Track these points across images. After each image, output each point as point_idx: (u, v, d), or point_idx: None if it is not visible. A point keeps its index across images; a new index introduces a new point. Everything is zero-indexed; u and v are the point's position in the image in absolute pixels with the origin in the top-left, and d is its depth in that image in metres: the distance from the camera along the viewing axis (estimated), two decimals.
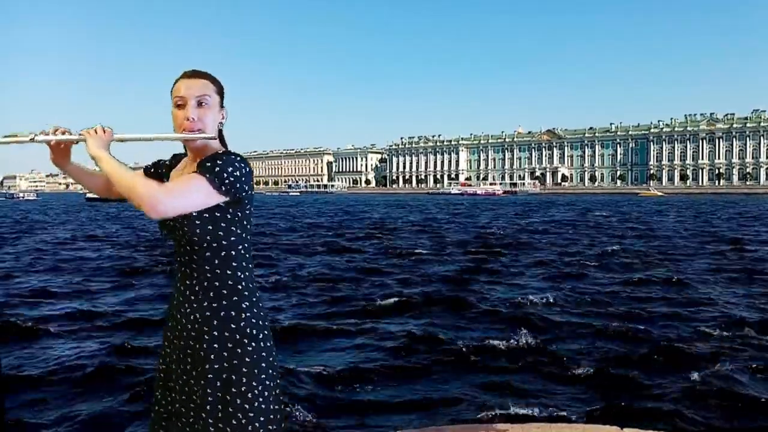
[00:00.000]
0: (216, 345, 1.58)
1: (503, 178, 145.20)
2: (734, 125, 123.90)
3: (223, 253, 1.60)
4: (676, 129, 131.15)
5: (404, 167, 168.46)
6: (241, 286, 1.61)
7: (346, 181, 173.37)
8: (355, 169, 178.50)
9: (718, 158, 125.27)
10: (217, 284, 1.60)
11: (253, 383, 1.58)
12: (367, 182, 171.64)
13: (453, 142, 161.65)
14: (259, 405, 1.58)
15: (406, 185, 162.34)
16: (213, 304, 1.59)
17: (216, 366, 1.57)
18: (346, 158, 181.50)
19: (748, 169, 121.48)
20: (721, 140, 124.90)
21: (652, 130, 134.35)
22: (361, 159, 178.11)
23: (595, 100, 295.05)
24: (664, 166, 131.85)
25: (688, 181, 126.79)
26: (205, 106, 1.63)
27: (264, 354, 1.61)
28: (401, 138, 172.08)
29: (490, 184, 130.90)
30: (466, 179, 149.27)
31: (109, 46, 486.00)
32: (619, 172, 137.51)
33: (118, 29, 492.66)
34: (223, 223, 1.58)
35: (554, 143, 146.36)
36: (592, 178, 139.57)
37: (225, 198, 1.54)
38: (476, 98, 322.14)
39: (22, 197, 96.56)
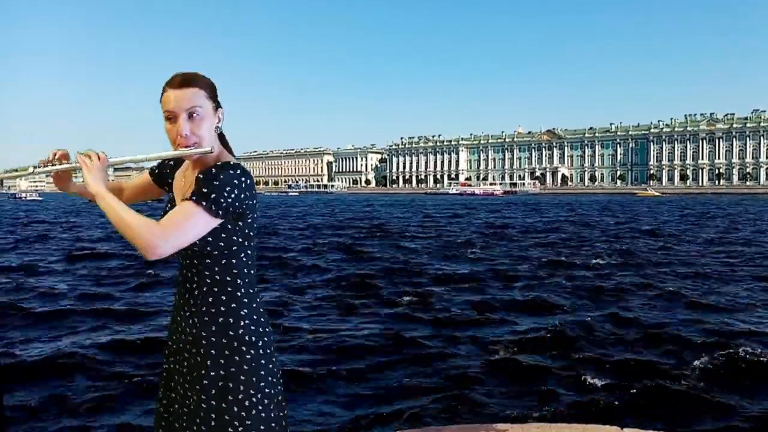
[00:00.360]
0: (213, 351, 1.56)
1: (503, 178, 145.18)
2: (734, 125, 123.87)
3: (224, 261, 1.58)
4: (676, 129, 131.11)
5: (404, 167, 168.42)
6: (240, 293, 1.60)
7: (346, 181, 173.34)
8: (355, 169, 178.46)
9: (718, 158, 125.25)
10: (216, 290, 1.58)
11: (251, 391, 1.56)
12: (367, 182, 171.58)
13: (453, 142, 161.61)
14: (257, 413, 1.56)
15: (406, 185, 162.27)
16: (211, 310, 1.58)
17: (212, 373, 1.55)
18: (346, 158, 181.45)
19: (748, 169, 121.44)
20: (721, 140, 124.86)
21: (652, 130, 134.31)
22: (361, 159, 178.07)
23: (595, 100, 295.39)
24: (664, 166, 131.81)
25: (688, 181, 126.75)
26: (197, 118, 1.54)
27: (263, 361, 1.60)
28: (401, 138, 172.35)
29: (490, 184, 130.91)
30: (466, 179, 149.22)
31: (109, 46, 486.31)
32: (619, 172, 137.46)
33: (118, 29, 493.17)
34: (224, 234, 1.56)
35: (554, 143, 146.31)
36: (592, 178, 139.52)
37: (223, 220, 1.51)
38: (476, 98, 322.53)
39: (25, 197, 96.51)
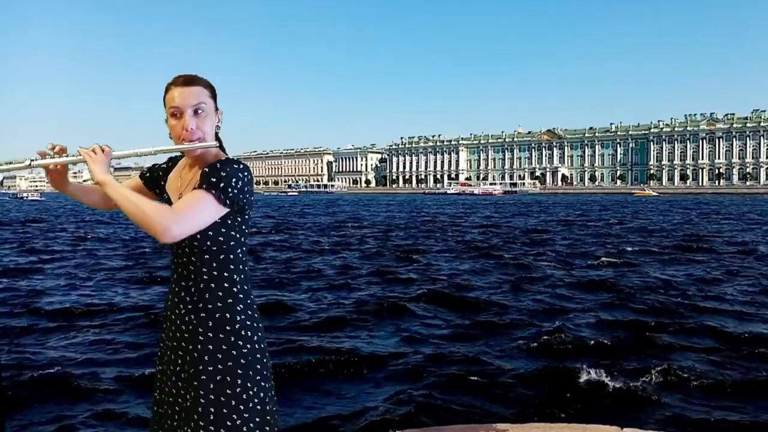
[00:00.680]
0: (210, 346, 1.58)
1: (503, 178, 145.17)
2: (734, 125, 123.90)
3: (222, 257, 1.61)
4: (676, 129, 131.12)
5: (404, 167, 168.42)
6: (236, 289, 1.63)
7: (346, 181, 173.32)
8: (355, 169, 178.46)
9: (718, 158, 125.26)
10: (213, 286, 1.61)
11: (248, 384, 1.59)
12: (367, 182, 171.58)
13: (453, 142, 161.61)
14: (254, 406, 1.59)
15: (406, 185, 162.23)
16: (208, 306, 1.60)
17: (210, 368, 1.58)
18: (346, 158, 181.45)
19: (748, 169, 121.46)
20: (721, 140, 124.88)
21: (652, 130, 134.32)
22: (361, 159, 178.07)
23: (595, 100, 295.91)
24: (664, 166, 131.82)
25: (689, 181, 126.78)
26: (202, 114, 1.61)
27: (258, 356, 1.63)
28: (401, 138, 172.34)
29: (490, 184, 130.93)
30: (466, 179, 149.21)
31: (109, 47, 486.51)
32: (619, 172, 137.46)
33: (118, 29, 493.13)
34: (224, 228, 1.60)
35: (554, 143, 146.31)
36: (592, 178, 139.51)
37: (229, 209, 1.56)
38: (476, 98, 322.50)
39: (27, 197, 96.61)
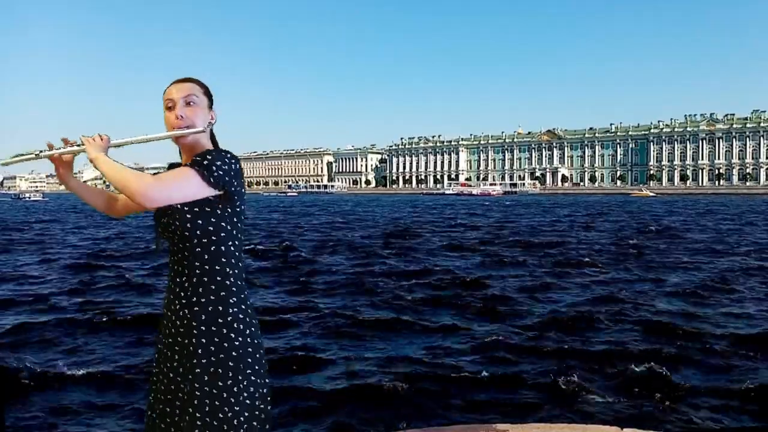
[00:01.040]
0: (204, 339, 1.62)
1: (503, 178, 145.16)
2: (734, 125, 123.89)
3: (213, 248, 1.65)
4: (676, 129, 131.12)
5: (404, 167, 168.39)
6: (229, 282, 1.66)
7: (346, 182, 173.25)
8: (355, 170, 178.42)
9: (718, 158, 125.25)
10: (206, 279, 1.64)
11: (239, 377, 1.61)
12: (367, 182, 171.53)
13: (453, 143, 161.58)
14: (243, 399, 1.61)
15: (406, 185, 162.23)
16: (201, 299, 1.63)
17: (204, 360, 1.61)
18: (346, 158, 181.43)
19: (748, 170, 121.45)
20: (721, 140, 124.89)
21: (652, 130, 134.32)
22: (361, 159, 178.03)
23: (595, 100, 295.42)
24: (664, 167, 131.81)
25: (688, 182, 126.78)
26: (193, 105, 1.72)
27: (250, 350, 1.65)
28: (401, 138, 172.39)
29: (490, 185, 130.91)
30: (466, 179, 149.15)
31: (109, 47, 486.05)
32: (619, 173, 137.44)
33: (118, 29, 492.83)
34: (213, 218, 1.64)
35: (554, 143, 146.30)
36: (592, 179, 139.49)
37: (214, 191, 1.61)
38: (476, 98, 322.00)
39: (29, 197, 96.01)
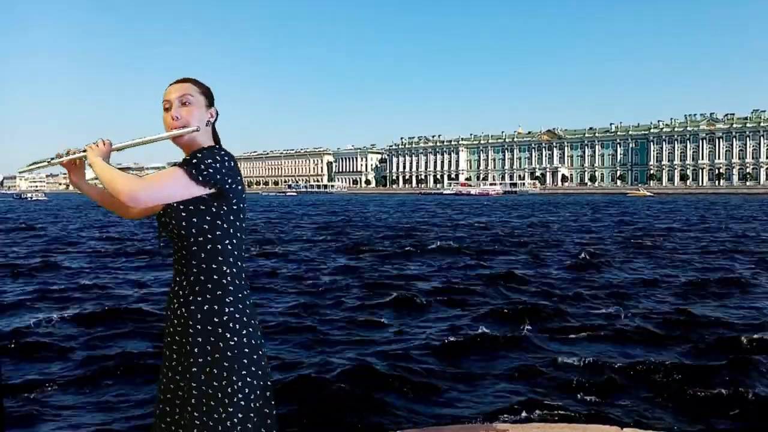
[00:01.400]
0: (200, 338, 1.62)
1: (503, 178, 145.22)
2: (734, 125, 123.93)
3: (209, 247, 1.64)
4: (676, 129, 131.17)
5: (404, 167, 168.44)
6: (226, 281, 1.65)
7: (346, 182, 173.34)
8: (355, 170, 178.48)
9: (718, 158, 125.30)
10: (202, 278, 1.64)
11: (233, 378, 1.60)
12: (367, 182, 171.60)
13: (453, 142, 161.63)
14: (238, 401, 1.60)
15: (406, 185, 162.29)
16: (198, 298, 1.63)
17: (200, 360, 1.61)
18: (346, 158, 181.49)
19: (748, 169, 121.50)
20: (721, 140, 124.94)
21: (652, 130, 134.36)
22: (361, 159, 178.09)
23: (595, 100, 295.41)
24: (664, 166, 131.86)
25: (689, 181, 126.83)
26: (188, 105, 1.73)
27: (247, 350, 1.64)
28: (401, 138, 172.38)
29: (490, 185, 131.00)
30: (466, 179, 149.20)
31: (109, 47, 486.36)
32: (619, 172, 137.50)
33: (118, 29, 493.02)
34: (208, 216, 1.64)
35: (554, 143, 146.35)
36: (592, 178, 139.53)
37: (204, 189, 1.60)
38: (476, 98, 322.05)
39: (31, 197, 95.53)
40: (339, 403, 4.64)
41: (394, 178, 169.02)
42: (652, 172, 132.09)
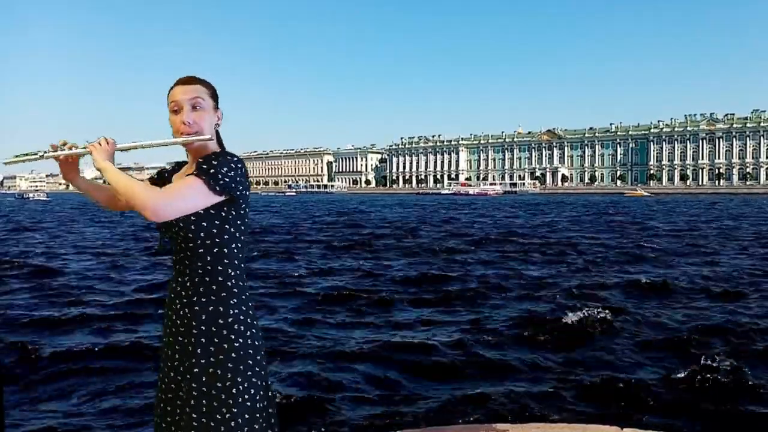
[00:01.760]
0: (203, 339, 1.62)
1: (503, 178, 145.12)
2: (734, 125, 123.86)
3: (216, 250, 1.64)
4: (676, 129, 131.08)
5: (404, 167, 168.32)
6: (230, 283, 1.66)
7: (346, 181, 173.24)
8: (355, 169, 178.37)
9: (718, 158, 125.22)
10: (207, 280, 1.64)
11: (238, 379, 1.61)
12: (367, 182, 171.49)
13: (453, 142, 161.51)
14: (243, 402, 1.60)
15: (406, 185, 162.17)
16: (202, 299, 1.63)
17: (202, 360, 1.61)
18: (346, 158, 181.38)
19: (748, 169, 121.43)
20: (721, 140, 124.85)
21: (652, 130, 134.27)
22: (361, 159, 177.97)
23: (595, 100, 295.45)
24: (664, 166, 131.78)
25: (689, 181, 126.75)
26: (200, 109, 1.69)
27: (251, 351, 1.65)
28: (401, 138, 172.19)
29: (490, 184, 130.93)
30: (466, 179, 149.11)
31: (109, 47, 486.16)
32: (619, 172, 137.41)
33: (118, 29, 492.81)
34: (217, 220, 1.63)
35: (554, 143, 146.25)
36: (592, 178, 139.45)
37: (221, 198, 1.60)
38: (476, 98, 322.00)
39: (33, 197, 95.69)
40: None
41: (394, 178, 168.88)
42: (652, 172, 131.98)
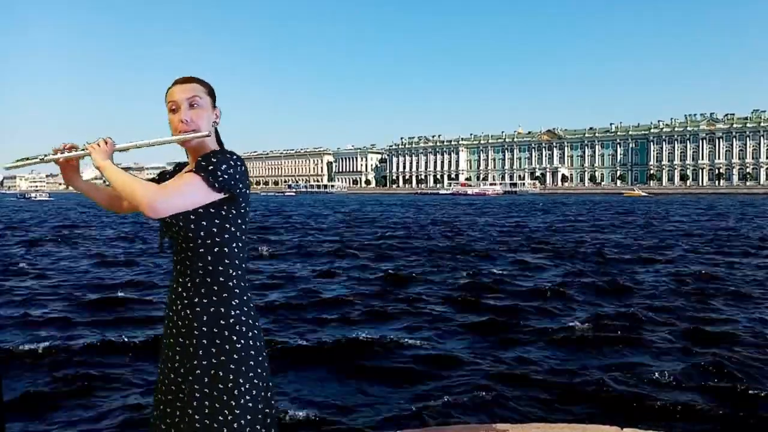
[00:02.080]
0: (204, 341, 1.61)
1: (503, 178, 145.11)
2: (734, 125, 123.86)
3: (216, 249, 1.63)
4: (676, 129, 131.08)
5: (404, 167, 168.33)
6: (232, 284, 1.65)
7: (346, 182, 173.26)
8: (355, 169, 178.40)
9: (718, 158, 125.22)
10: (208, 280, 1.63)
11: (240, 380, 1.60)
12: (367, 182, 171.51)
13: (453, 142, 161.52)
14: (245, 402, 1.60)
15: (407, 185, 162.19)
16: (203, 300, 1.62)
17: (204, 362, 1.60)
18: (346, 158, 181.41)
19: (748, 169, 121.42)
20: (721, 140, 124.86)
21: (652, 130, 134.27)
22: (361, 159, 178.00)
23: (595, 100, 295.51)
24: (664, 166, 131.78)
25: (689, 181, 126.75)
26: (197, 107, 1.69)
27: (252, 352, 1.64)
28: (401, 138, 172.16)
29: (490, 184, 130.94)
30: (466, 179, 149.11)
31: (109, 47, 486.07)
32: (619, 172, 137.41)
33: (118, 29, 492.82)
34: (217, 219, 1.63)
35: (554, 143, 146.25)
36: (592, 178, 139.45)
37: (220, 195, 1.59)
38: (476, 98, 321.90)
39: (35, 197, 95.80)
40: None
41: (394, 178, 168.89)
42: (652, 172, 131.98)
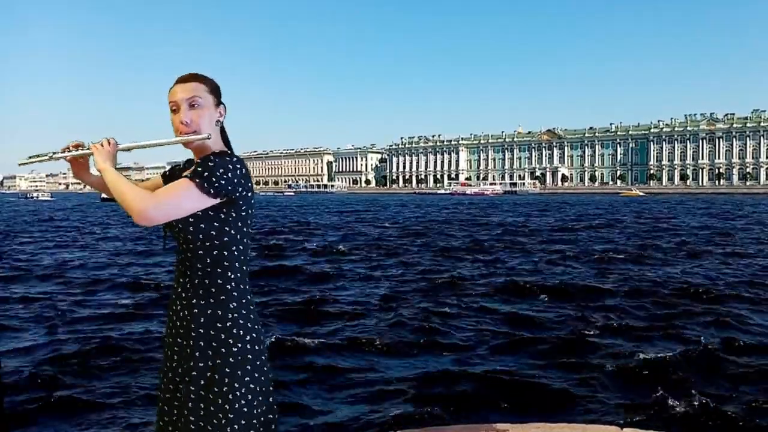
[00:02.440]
0: (201, 342, 1.60)
1: (503, 178, 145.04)
2: (734, 125, 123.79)
3: (216, 252, 1.62)
4: (676, 129, 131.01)
5: (404, 167, 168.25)
6: (230, 286, 1.63)
7: (346, 181, 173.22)
8: (355, 169, 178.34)
9: (718, 158, 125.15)
10: (207, 282, 1.62)
11: (235, 384, 1.59)
12: (367, 182, 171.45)
13: (453, 142, 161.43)
14: (240, 407, 1.58)
15: (407, 185, 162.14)
16: (201, 302, 1.62)
17: (201, 364, 1.60)
18: (346, 158, 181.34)
19: (748, 169, 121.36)
20: (721, 140, 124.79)
21: (652, 130, 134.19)
22: (361, 159, 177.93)
23: (595, 100, 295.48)
24: (664, 166, 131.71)
25: (689, 181, 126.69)
26: (198, 107, 1.66)
27: (250, 356, 1.62)
28: (401, 138, 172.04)
29: (490, 184, 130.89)
30: (466, 179, 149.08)
31: (109, 47, 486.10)
32: (619, 172, 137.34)
33: (118, 29, 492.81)
34: (217, 222, 1.61)
35: (554, 143, 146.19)
36: (593, 178, 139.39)
37: (215, 201, 1.57)
38: (476, 98, 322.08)
39: (38, 197, 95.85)
40: None
41: (394, 177, 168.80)
42: (652, 171, 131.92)
